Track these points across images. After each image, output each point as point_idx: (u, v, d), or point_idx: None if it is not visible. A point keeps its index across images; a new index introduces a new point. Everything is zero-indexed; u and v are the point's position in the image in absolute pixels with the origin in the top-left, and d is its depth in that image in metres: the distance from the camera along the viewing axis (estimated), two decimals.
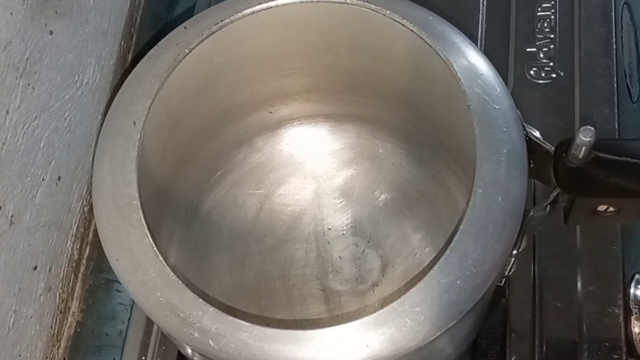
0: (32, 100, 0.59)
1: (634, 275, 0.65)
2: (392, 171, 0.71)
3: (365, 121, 0.71)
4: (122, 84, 0.58)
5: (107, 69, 0.71)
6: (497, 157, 0.51)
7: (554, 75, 0.74)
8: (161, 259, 0.51)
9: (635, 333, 0.63)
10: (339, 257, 0.71)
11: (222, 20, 0.58)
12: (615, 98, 0.71)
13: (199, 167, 0.68)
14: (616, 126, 0.70)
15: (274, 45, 0.62)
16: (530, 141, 0.54)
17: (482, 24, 0.76)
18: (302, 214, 0.73)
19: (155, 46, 0.59)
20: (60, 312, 0.68)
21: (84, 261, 0.70)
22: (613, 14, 0.75)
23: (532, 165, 0.54)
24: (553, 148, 0.53)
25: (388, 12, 0.57)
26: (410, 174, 0.70)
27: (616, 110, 0.71)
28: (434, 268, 0.48)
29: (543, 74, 0.74)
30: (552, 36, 0.76)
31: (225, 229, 0.71)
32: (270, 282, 0.70)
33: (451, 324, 0.48)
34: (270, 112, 0.70)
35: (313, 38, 0.62)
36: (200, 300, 0.49)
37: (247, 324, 0.48)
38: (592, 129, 0.49)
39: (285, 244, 0.72)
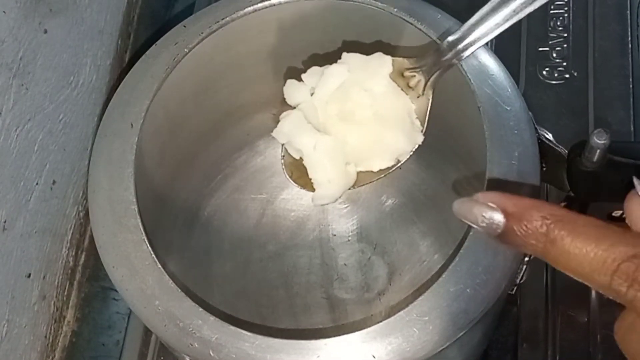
0: (25, 102, 0.59)
1: None
2: (400, 175, 0.70)
3: None
4: (119, 84, 0.58)
5: (103, 69, 0.70)
6: (509, 160, 0.51)
7: (567, 76, 0.74)
8: (160, 266, 0.50)
9: None
10: (344, 264, 0.71)
11: (222, 19, 0.58)
12: (631, 99, 0.72)
13: (199, 171, 0.68)
14: (632, 128, 0.71)
15: (277, 45, 0.62)
16: (542, 144, 0.54)
17: None
18: (306, 219, 0.72)
19: (154, 45, 0.59)
20: (55, 321, 0.67)
21: (79, 268, 0.70)
22: (628, 12, 0.76)
23: (544, 168, 0.54)
24: (566, 151, 0.54)
25: (395, 9, 0.57)
26: (419, 178, 0.70)
27: (632, 112, 0.71)
28: (443, 275, 0.48)
29: (556, 75, 0.74)
30: (565, 35, 0.76)
31: (226, 235, 0.71)
32: (273, 290, 0.70)
33: (460, 334, 0.48)
34: (273, 114, 0.70)
35: (317, 37, 0.62)
36: (200, 309, 0.49)
37: (249, 333, 0.48)
38: (607, 131, 0.49)
39: (288, 250, 0.72)
